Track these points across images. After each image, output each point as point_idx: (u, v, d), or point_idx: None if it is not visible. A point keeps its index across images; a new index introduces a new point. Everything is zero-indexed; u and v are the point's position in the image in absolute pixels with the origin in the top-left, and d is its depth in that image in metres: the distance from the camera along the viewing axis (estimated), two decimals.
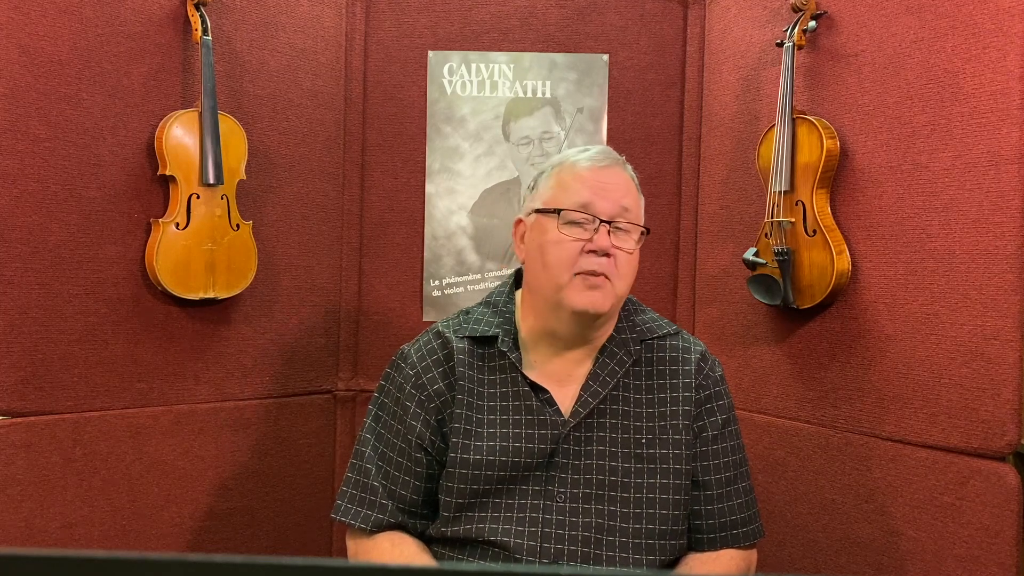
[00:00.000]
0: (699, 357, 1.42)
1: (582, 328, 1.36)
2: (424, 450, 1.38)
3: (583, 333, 1.37)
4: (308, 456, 2.14)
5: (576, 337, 1.37)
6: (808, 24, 1.80)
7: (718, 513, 1.40)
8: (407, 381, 1.41)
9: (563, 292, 1.31)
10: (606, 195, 1.33)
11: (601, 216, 1.32)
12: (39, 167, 1.69)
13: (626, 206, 1.34)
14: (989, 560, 1.49)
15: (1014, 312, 1.47)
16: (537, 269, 1.36)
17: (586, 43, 2.19)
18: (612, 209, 1.33)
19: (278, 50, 2.07)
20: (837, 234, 1.75)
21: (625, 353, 1.39)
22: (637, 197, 1.39)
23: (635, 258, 1.35)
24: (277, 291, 2.08)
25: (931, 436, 1.60)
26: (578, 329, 1.36)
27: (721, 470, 1.40)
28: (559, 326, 1.36)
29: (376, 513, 1.38)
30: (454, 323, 1.45)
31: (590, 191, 1.33)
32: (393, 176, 2.22)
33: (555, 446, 1.34)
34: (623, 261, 1.33)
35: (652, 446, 1.36)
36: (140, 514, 1.85)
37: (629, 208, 1.34)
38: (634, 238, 1.34)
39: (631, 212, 1.35)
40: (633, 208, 1.36)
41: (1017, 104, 1.47)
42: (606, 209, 1.32)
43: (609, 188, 1.34)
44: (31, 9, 1.67)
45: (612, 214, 1.33)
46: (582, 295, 1.31)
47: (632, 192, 1.37)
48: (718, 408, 1.41)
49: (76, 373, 1.76)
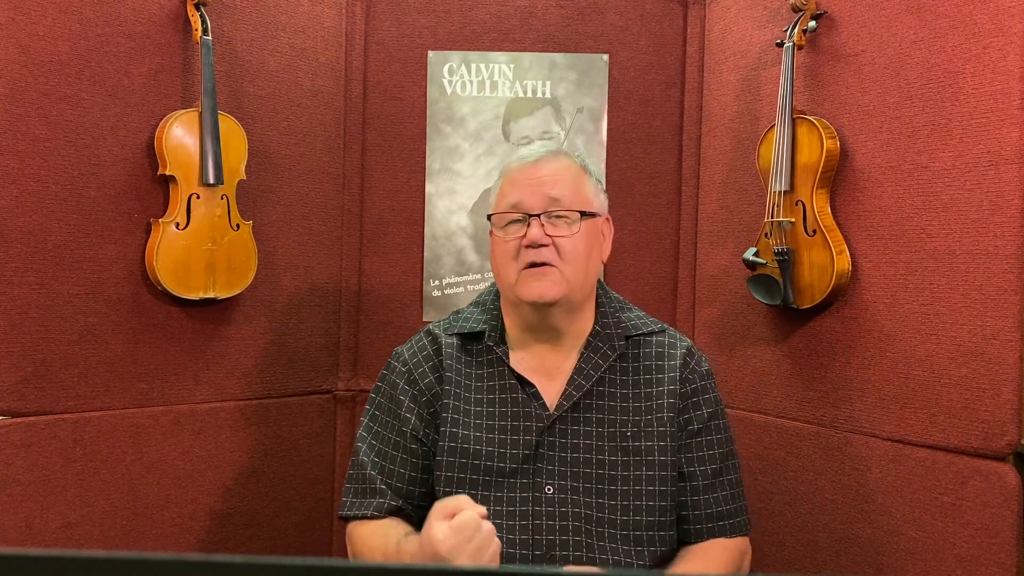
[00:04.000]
0: (685, 352, 1.45)
1: (545, 318, 1.40)
2: (419, 441, 1.42)
3: (550, 324, 1.41)
4: (308, 456, 2.14)
5: (547, 328, 1.42)
6: (808, 24, 1.80)
7: (704, 504, 1.42)
8: (400, 378, 1.46)
9: (515, 289, 1.38)
10: (533, 190, 1.39)
11: (530, 211, 1.38)
12: (39, 167, 1.69)
13: (556, 196, 1.38)
14: (989, 560, 1.49)
15: (1014, 312, 1.47)
16: (495, 273, 1.44)
17: (586, 43, 2.19)
18: (540, 202, 1.38)
19: (278, 50, 2.07)
20: (837, 234, 1.75)
21: (609, 348, 1.42)
22: (574, 182, 1.41)
23: (581, 243, 1.38)
24: (277, 291, 2.08)
25: (931, 436, 1.60)
26: (542, 320, 1.40)
27: (707, 462, 1.43)
28: (526, 320, 1.42)
29: (376, 499, 1.42)
30: (444, 322, 1.51)
31: (519, 190, 1.40)
32: (393, 176, 2.22)
33: (539, 438, 1.38)
34: (567, 247, 1.37)
35: (637, 439, 1.38)
36: (140, 514, 1.85)
37: (559, 197, 1.38)
38: (569, 223, 1.38)
39: (563, 200, 1.38)
40: (567, 195, 1.39)
41: (1017, 104, 1.47)
42: (535, 203, 1.38)
43: (536, 182, 1.39)
44: (31, 9, 1.67)
45: (542, 207, 1.38)
46: (529, 287, 1.36)
47: (564, 179, 1.40)
48: (704, 402, 1.44)
49: (76, 373, 1.76)
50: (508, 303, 1.45)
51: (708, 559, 1.40)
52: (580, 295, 1.41)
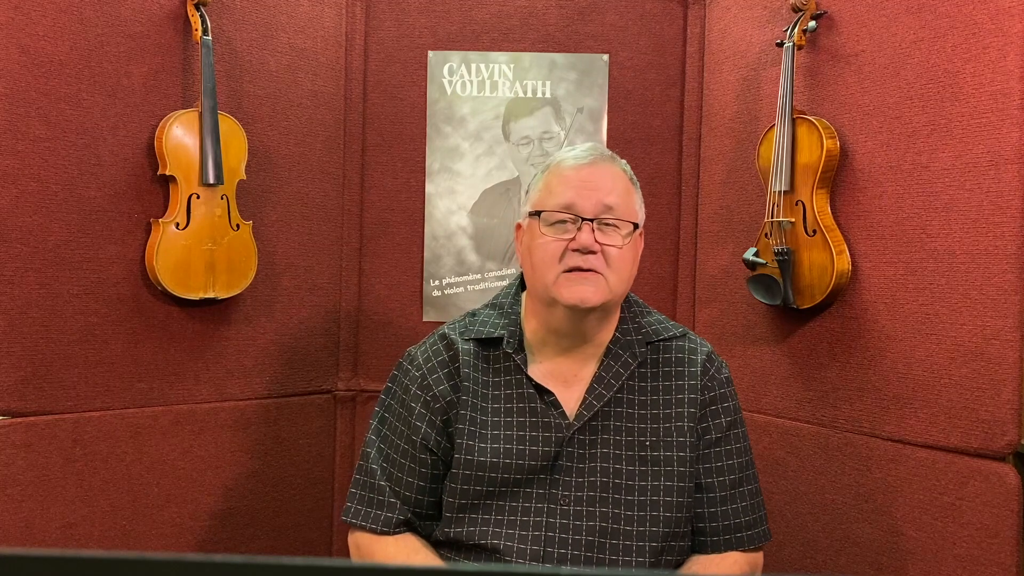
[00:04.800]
0: (705, 358, 1.41)
1: (578, 324, 1.35)
2: (429, 451, 1.38)
3: (581, 330, 1.36)
4: (308, 456, 2.14)
5: (576, 334, 1.37)
6: (808, 24, 1.80)
7: (722, 516, 1.38)
8: (413, 383, 1.41)
9: (552, 289, 1.32)
10: (588, 194, 1.33)
11: (583, 215, 1.32)
12: (39, 167, 1.69)
13: (610, 204, 1.33)
14: (989, 560, 1.49)
15: (1014, 312, 1.47)
16: (529, 270, 1.37)
17: (586, 43, 2.19)
18: (594, 207, 1.32)
19: (278, 50, 2.07)
20: (837, 234, 1.75)
21: (630, 355, 1.38)
22: (626, 192, 1.37)
23: (628, 254, 1.34)
24: (277, 291, 2.08)
25: (931, 436, 1.60)
26: (575, 325, 1.35)
27: (725, 472, 1.39)
28: (557, 324, 1.36)
29: (385, 512, 1.39)
30: (460, 325, 1.45)
31: (573, 191, 1.33)
32: (393, 176, 2.22)
33: (559, 449, 1.33)
34: (614, 257, 1.32)
35: (656, 448, 1.35)
36: (140, 514, 1.85)
37: (614, 205, 1.33)
38: (622, 234, 1.33)
39: (617, 209, 1.33)
40: (620, 204, 1.34)
41: (1017, 104, 1.47)
42: (588, 208, 1.32)
43: (592, 186, 1.34)
44: (31, 9, 1.67)
45: (595, 212, 1.32)
46: (571, 289, 1.31)
47: (619, 188, 1.36)
48: (723, 410, 1.40)
49: (76, 373, 1.76)
50: (538, 302, 1.37)
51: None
52: (615, 305, 1.37)
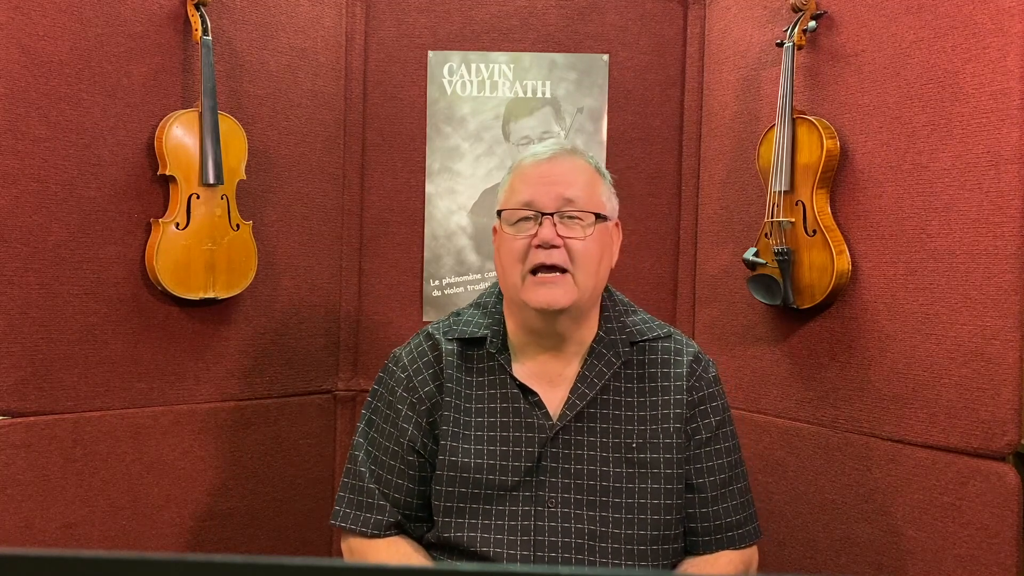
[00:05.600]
0: (691, 359, 1.40)
1: (551, 325, 1.34)
2: (416, 452, 1.38)
3: (557, 330, 1.35)
4: (308, 456, 2.14)
5: (553, 335, 1.36)
6: (808, 24, 1.80)
7: (713, 516, 1.38)
8: (399, 384, 1.41)
9: (521, 293, 1.32)
10: (547, 189, 1.32)
11: (543, 210, 1.31)
12: (39, 167, 1.69)
13: (570, 197, 1.32)
14: (989, 560, 1.49)
15: (1014, 312, 1.47)
16: (500, 272, 1.38)
17: (586, 43, 2.19)
18: (554, 201, 1.32)
19: (278, 50, 2.07)
20: (837, 234, 1.75)
21: (613, 355, 1.38)
22: (589, 184, 1.36)
23: (594, 246, 1.33)
24: (277, 291, 2.08)
25: (931, 436, 1.60)
26: (549, 326, 1.35)
27: (715, 472, 1.38)
28: (532, 325, 1.36)
29: (375, 515, 1.38)
30: (444, 325, 1.45)
31: (531, 188, 1.33)
32: (393, 176, 2.22)
33: (542, 450, 1.33)
34: (578, 251, 1.31)
35: (643, 450, 1.34)
36: (140, 514, 1.85)
37: (574, 198, 1.32)
38: (583, 225, 1.32)
39: (578, 201, 1.32)
40: (581, 196, 1.33)
41: (1017, 104, 1.48)
42: (548, 202, 1.32)
43: (550, 180, 1.33)
44: (31, 9, 1.67)
45: (556, 206, 1.32)
46: (537, 293, 1.30)
47: (580, 180, 1.35)
48: (711, 410, 1.39)
49: (76, 373, 1.76)
50: (511, 305, 1.38)
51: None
52: (589, 302, 1.35)
